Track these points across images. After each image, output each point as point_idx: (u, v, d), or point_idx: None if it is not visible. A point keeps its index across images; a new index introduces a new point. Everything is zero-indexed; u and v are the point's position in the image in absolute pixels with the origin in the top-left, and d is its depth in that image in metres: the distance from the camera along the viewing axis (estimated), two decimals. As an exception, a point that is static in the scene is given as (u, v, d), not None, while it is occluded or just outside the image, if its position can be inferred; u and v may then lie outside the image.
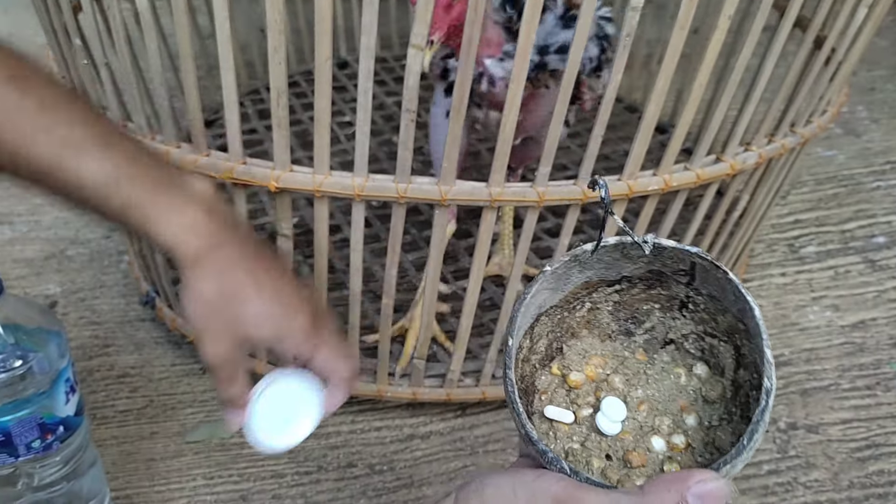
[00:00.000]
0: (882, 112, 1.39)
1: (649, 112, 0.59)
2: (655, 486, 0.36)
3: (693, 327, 0.44)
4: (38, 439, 0.57)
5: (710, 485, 0.34)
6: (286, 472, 0.78)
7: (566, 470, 0.38)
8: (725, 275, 0.41)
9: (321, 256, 0.70)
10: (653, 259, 0.43)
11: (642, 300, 0.45)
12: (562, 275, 0.43)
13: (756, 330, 0.40)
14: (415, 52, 0.55)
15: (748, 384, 0.41)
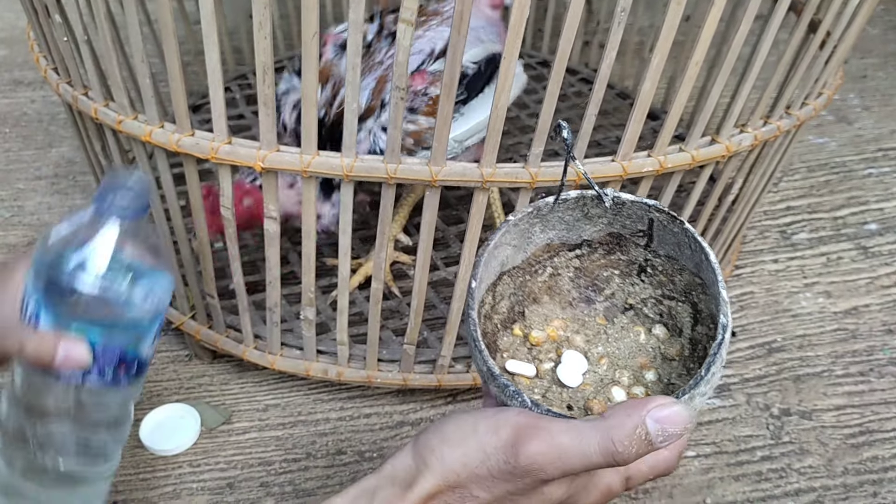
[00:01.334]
0: (874, 100, 1.39)
1: (645, 90, 0.58)
2: (615, 412, 0.36)
3: (652, 291, 0.45)
4: (112, 369, 0.54)
5: (668, 409, 0.35)
6: (274, 459, 0.77)
7: (527, 403, 0.38)
8: (682, 225, 0.42)
9: (309, 240, 0.68)
10: (612, 219, 0.44)
11: (602, 266, 0.45)
12: (524, 230, 0.43)
13: (712, 277, 0.40)
14: (405, 27, 0.54)
15: (705, 338, 0.42)
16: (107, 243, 0.51)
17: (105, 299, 0.51)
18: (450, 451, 0.38)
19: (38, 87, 1.38)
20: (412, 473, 0.39)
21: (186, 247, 0.76)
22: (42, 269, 0.51)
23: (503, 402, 0.39)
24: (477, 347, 0.40)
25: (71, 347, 0.51)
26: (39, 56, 0.77)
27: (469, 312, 0.40)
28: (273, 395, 0.83)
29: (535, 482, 0.37)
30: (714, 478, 0.76)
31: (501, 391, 0.39)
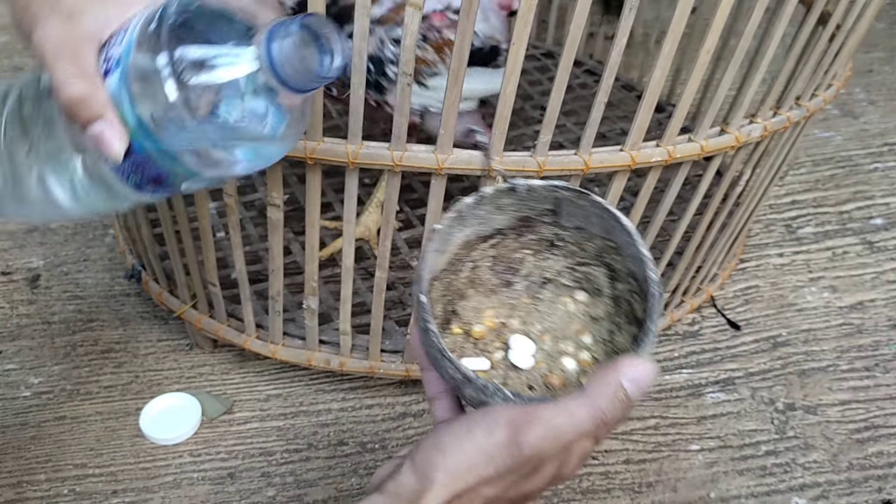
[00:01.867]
0: (879, 94, 1.38)
1: (655, 78, 0.57)
2: (594, 384, 0.39)
3: (564, 262, 0.48)
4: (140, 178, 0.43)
5: (638, 368, 0.39)
6: (275, 449, 0.76)
7: (509, 396, 0.40)
8: (589, 198, 0.45)
9: (312, 229, 0.67)
10: (521, 205, 0.46)
11: (515, 249, 0.48)
12: (446, 234, 0.45)
13: (627, 239, 0.44)
14: (412, 10, 0.53)
15: (627, 292, 0.46)
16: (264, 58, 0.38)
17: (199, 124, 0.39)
18: (452, 461, 0.39)
19: (39, 74, 1.37)
20: (417, 491, 0.39)
21: (188, 235, 0.75)
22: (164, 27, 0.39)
23: (482, 402, 0.40)
24: (446, 357, 0.41)
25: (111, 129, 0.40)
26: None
27: (428, 327, 0.41)
28: (274, 385, 0.83)
29: (537, 465, 0.39)
30: (718, 472, 0.76)
31: (481, 392, 0.40)
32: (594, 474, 0.75)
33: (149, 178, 0.43)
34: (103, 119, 0.40)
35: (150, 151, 0.41)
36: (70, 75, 0.40)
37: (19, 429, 0.77)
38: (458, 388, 0.42)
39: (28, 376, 0.82)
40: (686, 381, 0.85)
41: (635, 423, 0.80)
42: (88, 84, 0.40)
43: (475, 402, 0.41)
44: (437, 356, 0.41)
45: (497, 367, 0.46)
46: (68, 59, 0.40)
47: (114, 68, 0.40)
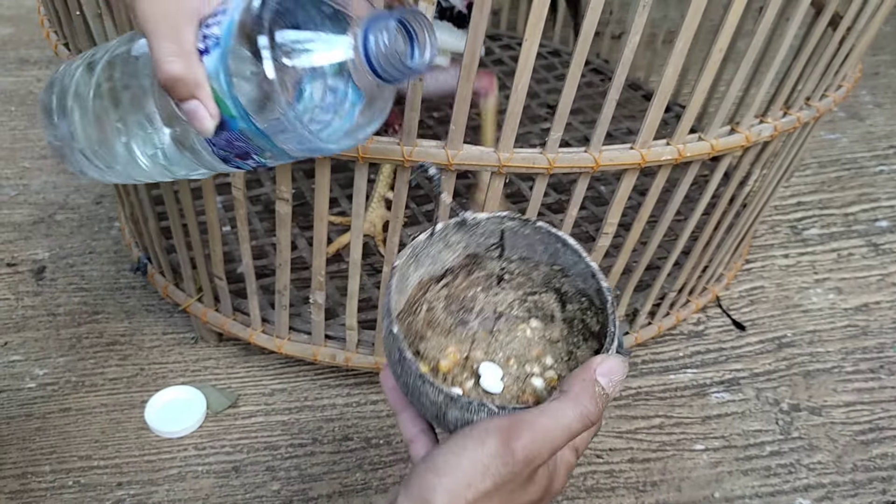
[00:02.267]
0: (886, 96, 1.38)
1: (667, 75, 0.57)
2: (571, 384, 0.40)
3: (514, 294, 0.50)
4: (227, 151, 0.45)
5: (608, 363, 0.40)
6: (280, 443, 0.76)
7: (494, 409, 0.40)
8: (534, 225, 0.46)
9: (321, 223, 0.67)
10: (468, 241, 0.48)
11: (466, 287, 0.49)
12: (404, 274, 0.46)
13: (573, 258, 0.46)
14: (426, 5, 0.53)
15: (578, 311, 0.48)
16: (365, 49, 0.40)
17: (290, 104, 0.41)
18: (449, 479, 0.38)
19: (45, 65, 1.37)
20: None
21: (195, 228, 0.75)
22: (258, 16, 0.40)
23: (466, 422, 0.41)
24: (427, 382, 0.41)
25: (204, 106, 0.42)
26: (50, 31, 0.76)
27: (405, 355, 0.41)
28: (279, 379, 0.83)
29: (531, 471, 0.39)
30: (723, 472, 0.76)
31: (465, 410, 0.40)
32: (599, 473, 0.75)
33: (238, 153, 0.44)
34: (198, 97, 0.42)
35: (241, 129, 0.42)
36: (170, 53, 0.41)
37: (24, 420, 0.77)
38: (441, 415, 0.41)
39: (33, 368, 0.82)
40: (691, 381, 0.85)
41: (640, 422, 0.80)
42: (187, 62, 0.41)
43: (460, 423, 0.41)
44: (416, 384, 0.41)
45: (469, 395, 0.46)
46: (169, 37, 0.41)
47: (213, 47, 0.41)
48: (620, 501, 0.72)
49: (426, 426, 0.44)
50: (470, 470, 0.38)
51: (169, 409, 0.78)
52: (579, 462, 0.75)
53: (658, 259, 0.91)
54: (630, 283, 0.80)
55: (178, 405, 0.78)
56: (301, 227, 0.94)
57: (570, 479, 0.73)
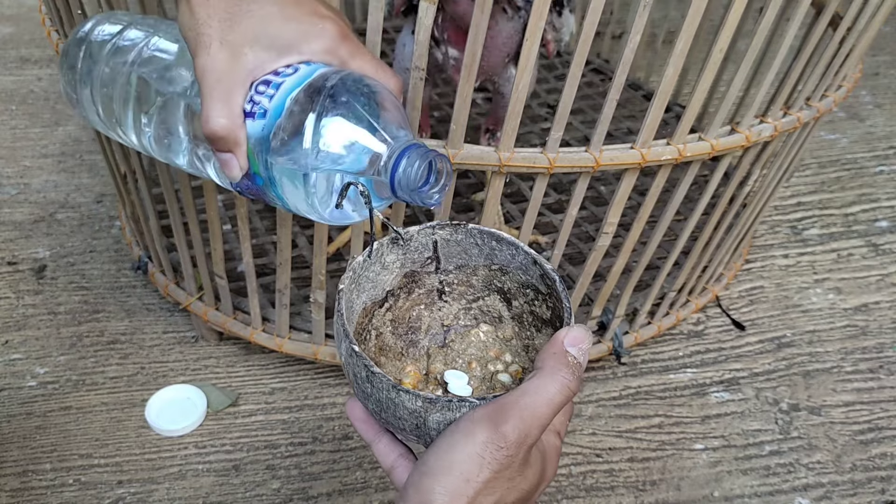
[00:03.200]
0: (886, 97, 1.38)
1: (668, 75, 0.57)
2: (543, 359, 0.41)
3: (458, 305, 0.49)
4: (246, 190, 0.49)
5: (573, 332, 0.41)
6: (280, 442, 0.76)
7: (475, 402, 0.40)
8: (465, 227, 0.46)
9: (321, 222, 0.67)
10: (404, 259, 0.47)
11: (409, 308, 0.49)
12: (350, 299, 0.45)
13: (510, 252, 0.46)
14: (426, 5, 0.53)
15: (525, 305, 0.47)
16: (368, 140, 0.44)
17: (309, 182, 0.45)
18: (447, 479, 0.38)
19: (45, 64, 1.37)
20: None
21: (196, 227, 0.75)
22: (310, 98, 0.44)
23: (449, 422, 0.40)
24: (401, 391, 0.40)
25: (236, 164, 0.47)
26: (51, 30, 0.76)
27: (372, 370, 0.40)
28: (279, 378, 0.83)
29: (525, 454, 0.39)
30: (722, 471, 0.76)
31: (447, 409, 0.39)
32: (598, 472, 0.75)
33: (251, 193, 0.49)
34: (235, 154, 0.46)
35: (262, 185, 0.47)
36: (219, 113, 0.45)
37: (25, 418, 0.77)
38: (422, 424, 0.40)
39: (34, 366, 0.83)
40: (691, 381, 0.85)
41: (640, 421, 0.80)
42: (232, 124, 0.45)
43: (442, 426, 0.40)
44: (390, 397, 0.40)
45: None
46: (221, 97, 0.45)
47: (258, 116, 0.45)
48: (620, 500, 0.73)
49: (404, 450, 0.44)
50: (465, 464, 0.38)
51: (169, 407, 0.78)
52: (578, 461, 0.76)
53: (658, 259, 0.91)
54: (630, 283, 0.80)
55: (178, 404, 0.78)
56: (301, 225, 0.94)
57: (560, 467, 0.73)
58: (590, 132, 1.12)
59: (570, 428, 0.79)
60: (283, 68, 0.46)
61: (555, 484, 0.73)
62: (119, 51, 0.54)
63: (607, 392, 0.83)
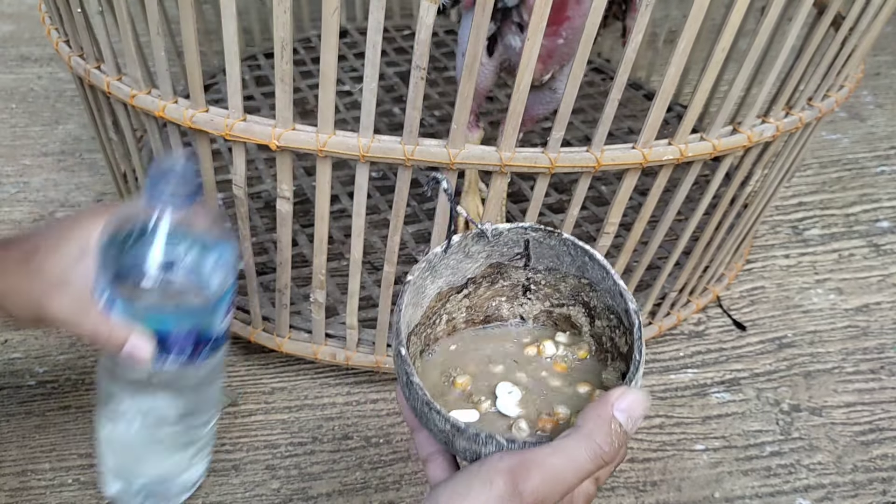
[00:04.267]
0: (887, 97, 1.38)
1: (670, 74, 0.57)
2: (586, 420, 0.38)
3: (540, 305, 0.48)
4: (190, 349, 0.55)
5: (629, 398, 0.38)
6: (280, 442, 0.76)
7: (503, 443, 0.38)
8: (560, 237, 0.45)
9: (322, 222, 0.67)
10: (490, 251, 0.46)
11: (489, 298, 0.48)
12: (420, 286, 0.44)
13: (602, 274, 0.44)
14: (428, 4, 0.53)
15: (607, 329, 0.45)
16: (165, 233, 0.51)
17: (172, 288, 0.52)
18: None
19: (46, 63, 1.37)
20: None
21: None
22: (107, 263, 0.52)
23: (475, 454, 0.39)
24: (433, 409, 0.39)
25: (136, 344, 0.53)
26: (51, 28, 0.76)
27: (412, 380, 0.40)
28: (279, 378, 0.83)
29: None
30: (723, 472, 0.76)
31: (473, 441, 0.39)
32: (599, 472, 0.75)
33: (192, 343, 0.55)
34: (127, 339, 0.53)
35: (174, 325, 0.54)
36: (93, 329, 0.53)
37: (24, 417, 0.77)
38: (450, 442, 0.40)
39: (33, 365, 0.82)
40: (691, 381, 0.85)
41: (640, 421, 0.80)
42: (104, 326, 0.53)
43: (468, 454, 0.40)
44: (423, 410, 0.40)
45: (484, 418, 0.44)
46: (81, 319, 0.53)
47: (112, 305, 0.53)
48: (620, 501, 0.72)
49: (440, 443, 0.43)
50: None
51: None
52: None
53: (659, 259, 0.90)
54: (631, 284, 0.79)
55: None
56: (301, 224, 0.94)
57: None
58: (590, 131, 1.12)
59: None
60: None
61: None
62: None
63: (608, 392, 0.83)
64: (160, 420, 0.60)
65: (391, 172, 1.03)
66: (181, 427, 0.62)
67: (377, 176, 1.06)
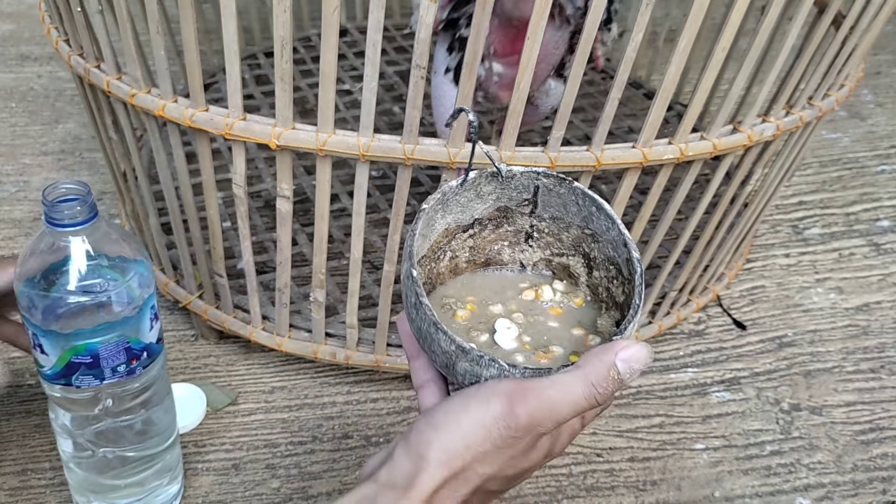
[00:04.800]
0: (887, 96, 1.38)
1: (670, 73, 0.57)
2: (588, 360, 0.39)
3: (541, 254, 0.49)
4: (124, 364, 0.57)
5: (632, 350, 0.39)
6: (280, 441, 0.76)
7: (504, 366, 0.39)
8: (570, 185, 0.45)
9: (322, 221, 0.67)
10: (500, 194, 0.47)
11: (492, 241, 0.49)
12: (430, 217, 0.45)
13: (607, 224, 0.45)
14: (427, 3, 0.52)
15: (604, 279, 0.46)
16: (73, 256, 0.54)
17: (90, 306, 0.54)
18: (448, 437, 0.38)
19: (45, 62, 1.37)
20: (411, 473, 0.38)
21: (196, 225, 0.75)
22: (25, 300, 0.54)
23: (475, 377, 0.40)
24: (440, 330, 0.40)
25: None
26: (50, 27, 0.76)
27: (421, 300, 0.41)
28: (280, 377, 0.83)
29: (533, 439, 0.39)
30: (723, 471, 0.76)
31: (476, 363, 0.39)
32: (599, 472, 0.75)
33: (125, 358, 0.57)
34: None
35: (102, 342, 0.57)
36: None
37: (24, 417, 0.77)
38: (451, 366, 0.41)
39: (33, 365, 0.82)
40: (691, 380, 0.85)
41: (640, 420, 0.80)
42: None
43: (469, 377, 0.40)
44: (430, 331, 0.41)
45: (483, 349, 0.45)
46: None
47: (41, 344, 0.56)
48: (620, 500, 0.72)
49: (437, 375, 0.44)
50: (470, 431, 0.38)
51: None
52: (579, 461, 0.75)
53: (659, 258, 0.90)
54: (631, 282, 0.79)
55: (177, 403, 0.78)
56: (301, 223, 0.94)
57: (561, 467, 0.73)
58: (590, 130, 1.12)
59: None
60: None
61: (555, 483, 0.73)
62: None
63: (608, 391, 0.83)
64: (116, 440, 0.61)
65: (391, 171, 1.03)
66: (137, 451, 0.63)
67: (377, 175, 1.05)
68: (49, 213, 0.53)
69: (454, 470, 0.38)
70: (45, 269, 0.54)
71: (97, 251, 0.55)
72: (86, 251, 0.54)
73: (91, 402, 0.59)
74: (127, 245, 0.56)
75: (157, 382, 0.62)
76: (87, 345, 0.55)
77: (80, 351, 0.55)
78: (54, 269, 0.54)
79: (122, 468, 0.63)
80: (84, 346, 0.55)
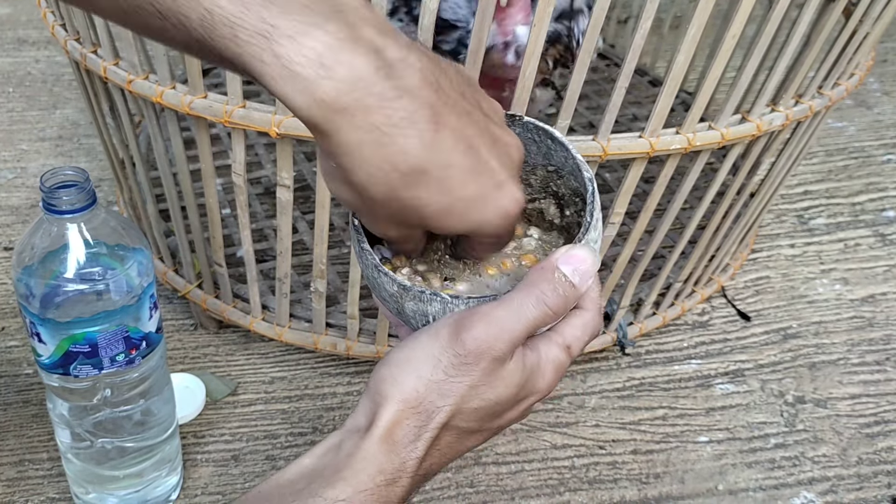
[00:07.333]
0: (894, 85, 1.36)
1: (679, 62, 0.56)
2: (532, 275, 0.39)
3: None
4: (123, 353, 0.57)
5: (574, 251, 0.39)
6: (280, 432, 0.75)
7: (447, 299, 0.38)
8: (521, 121, 0.43)
9: (322, 210, 0.66)
10: None
11: None
12: None
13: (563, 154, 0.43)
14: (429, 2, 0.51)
15: (575, 215, 0.45)
16: (71, 244, 0.53)
17: (89, 294, 0.54)
18: (401, 372, 0.38)
19: (43, 46, 1.35)
20: (371, 412, 0.39)
21: (195, 212, 0.74)
22: (22, 288, 0.54)
23: (423, 314, 0.40)
24: (381, 271, 0.39)
25: None
26: (46, 11, 0.74)
27: (363, 247, 0.40)
28: (279, 367, 0.82)
29: (491, 365, 0.38)
30: (727, 464, 0.75)
31: (419, 300, 0.39)
32: (601, 464, 0.74)
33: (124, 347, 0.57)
34: None
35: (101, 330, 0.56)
36: None
37: (21, 406, 0.76)
38: (401, 309, 0.40)
39: (30, 354, 0.82)
40: (695, 372, 0.84)
41: (643, 413, 0.79)
42: None
43: (418, 316, 0.40)
44: (373, 275, 0.40)
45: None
46: None
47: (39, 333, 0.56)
48: (623, 493, 0.72)
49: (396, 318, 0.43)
50: (421, 362, 0.38)
51: None
52: (581, 453, 0.75)
53: (664, 248, 0.89)
54: (635, 273, 0.79)
55: (176, 393, 0.77)
56: (302, 211, 0.93)
57: (563, 459, 0.72)
58: (594, 118, 1.11)
59: (572, 419, 0.78)
60: None
61: (557, 476, 0.73)
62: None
63: (611, 383, 0.82)
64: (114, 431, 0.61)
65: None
66: (135, 441, 0.62)
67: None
68: (47, 199, 0.52)
69: (409, 403, 0.38)
70: (43, 257, 0.53)
71: (96, 239, 0.54)
72: (84, 238, 0.53)
73: (89, 391, 0.58)
74: (126, 233, 0.56)
75: (156, 372, 0.61)
76: (85, 333, 0.54)
77: (78, 340, 0.54)
78: (52, 257, 0.53)
79: (120, 459, 0.62)
80: (82, 335, 0.54)
